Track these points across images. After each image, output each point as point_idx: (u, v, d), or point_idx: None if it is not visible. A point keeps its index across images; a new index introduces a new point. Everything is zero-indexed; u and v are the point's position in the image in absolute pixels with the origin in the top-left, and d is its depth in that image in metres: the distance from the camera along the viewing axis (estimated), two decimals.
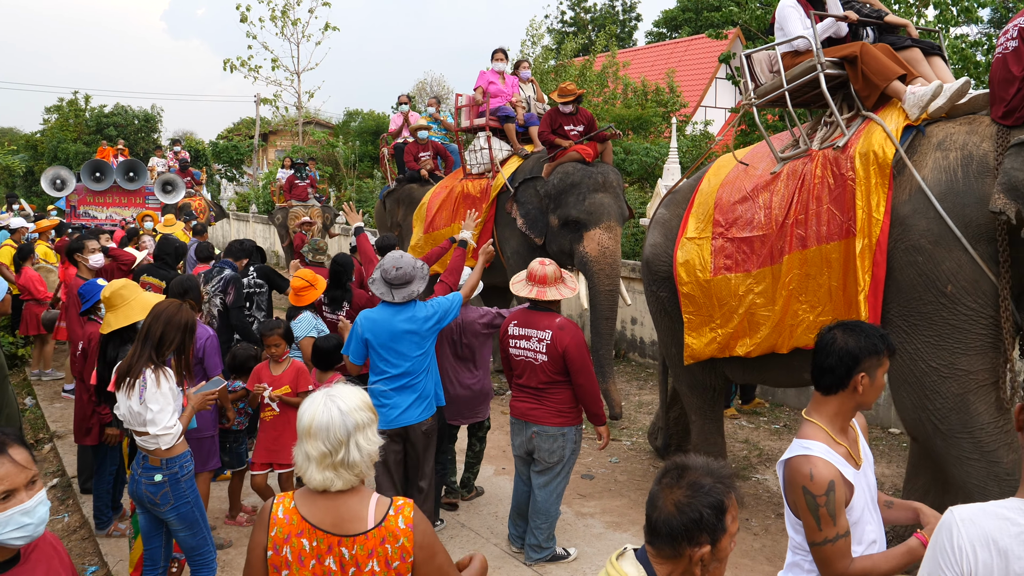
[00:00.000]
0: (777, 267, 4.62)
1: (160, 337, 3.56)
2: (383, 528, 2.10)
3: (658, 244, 5.46)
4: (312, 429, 2.08)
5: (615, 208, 7.19)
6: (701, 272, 5.04)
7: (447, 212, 8.87)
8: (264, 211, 22.61)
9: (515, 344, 4.55)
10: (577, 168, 7.24)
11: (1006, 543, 1.72)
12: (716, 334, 5.01)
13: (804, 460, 2.28)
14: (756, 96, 5.05)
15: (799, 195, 4.52)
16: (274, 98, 29.22)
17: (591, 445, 6.48)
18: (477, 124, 8.73)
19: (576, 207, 7.14)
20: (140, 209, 14.73)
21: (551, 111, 7.64)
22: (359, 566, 2.08)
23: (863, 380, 2.34)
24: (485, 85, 8.67)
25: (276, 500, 2.17)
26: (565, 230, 7.29)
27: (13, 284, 8.70)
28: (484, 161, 8.50)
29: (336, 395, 2.14)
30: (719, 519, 1.77)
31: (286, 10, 28.34)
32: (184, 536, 3.65)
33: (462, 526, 5.15)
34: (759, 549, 4.81)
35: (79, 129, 29.16)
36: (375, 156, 25.55)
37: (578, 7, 33.15)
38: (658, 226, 5.57)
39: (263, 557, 2.11)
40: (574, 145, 7.33)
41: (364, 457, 2.11)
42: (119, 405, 3.59)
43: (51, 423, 7.24)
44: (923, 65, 4.48)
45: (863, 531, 2.35)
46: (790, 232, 4.52)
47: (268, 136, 34.40)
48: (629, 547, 1.89)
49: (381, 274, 4.37)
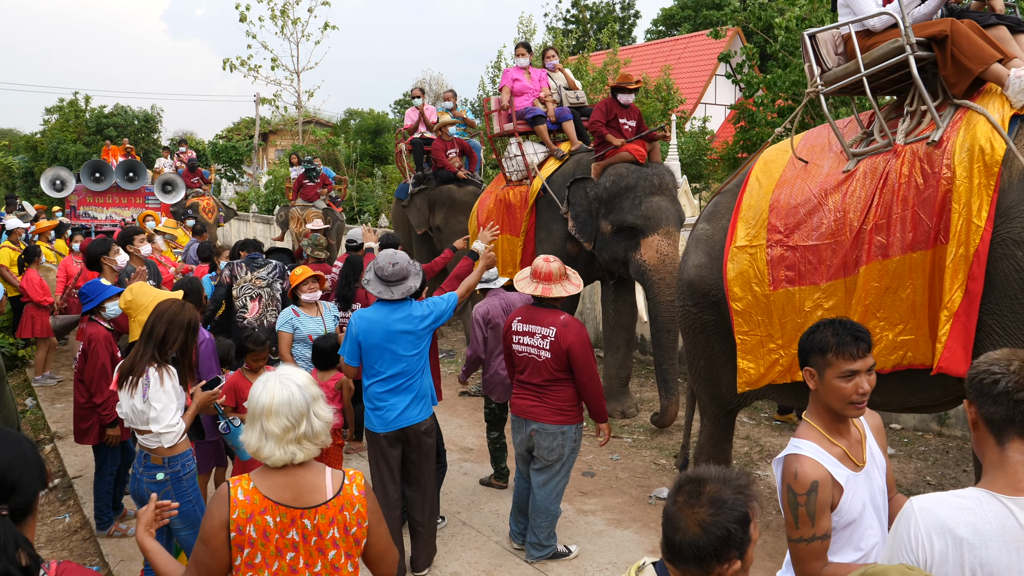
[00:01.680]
0: (851, 279, 4.07)
1: (163, 336, 3.59)
2: (341, 497, 2.24)
3: (703, 265, 4.84)
4: (273, 407, 2.18)
5: (673, 212, 6.74)
6: (758, 285, 4.45)
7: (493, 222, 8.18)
8: (265, 211, 22.61)
9: (519, 340, 4.54)
10: (631, 169, 6.78)
11: (961, 532, 1.73)
12: (779, 356, 4.43)
13: (793, 459, 2.28)
14: (824, 82, 4.39)
15: (880, 197, 3.95)
16: (274, 98, 29.24)
17: (592, 442, 6.48)
18: (508, 129, 8.26)
19: (632, 212, 6.68)
20: (140, 209, 14.76)
21: (607, 101, 7.06)
22: (321, 535, 2.21)
23: (813, 377, 2.31)
24: (509, 84, 8.18)
25: (233, 483, 2.22)
26: (619, 237, 6.83)
27: (11, 286, 8.71)
28: (520, 168, 8.08)
29: (286, 374, 2.25)
30: (746, 532, 1.70)
31: (286, 9, 28.34)
32: (185, 535, 3.65)
33: (463, 524, 5.15)
34: (760, 546, 4.81)
35: (79, 130, 29.18)
36: (375, 155, 25.56)
37: (578, 5, 33.13)
38: (700, 244, 4.94)
39: (225, 537, 2.17)
40: (626, 144, 6.84)
41: (323, 425, 2.24)
42: (121, 403, 3.59)
43: (52, 424, 7.25)
44: (1012, 44, 3.93)
45: (862, 535, 2.31)
46: (868, 239, 3.96)
47: (268, 136, 34.43)
48: (648, 560, 1.84)
49: (376, 272, 4.32)
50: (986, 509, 1.75)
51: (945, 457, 6.31)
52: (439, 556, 4.66)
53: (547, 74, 8.30)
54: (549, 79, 8.26)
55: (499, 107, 8.39)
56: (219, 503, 2.19)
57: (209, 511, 2.21)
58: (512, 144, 8.16)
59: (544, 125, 7.93)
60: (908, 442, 6.66)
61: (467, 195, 9.57)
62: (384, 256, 4.34)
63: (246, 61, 27.75)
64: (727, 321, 4.65)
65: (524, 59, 8.29)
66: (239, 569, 2.19)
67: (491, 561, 4.67)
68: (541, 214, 7.74)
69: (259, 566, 2.19)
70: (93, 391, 4.81)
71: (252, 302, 6.27)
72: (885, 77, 4.18)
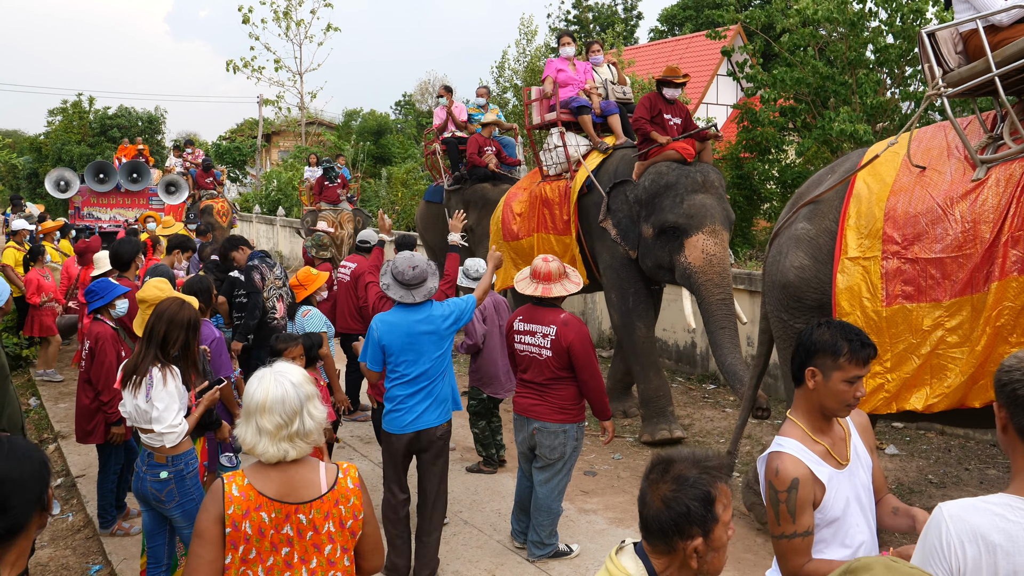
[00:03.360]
0: (980, 297, 3.71)
1: (164, 336, 3.60)
2: (336, 491, 2.25)
3: (806, 266, 4.45)
4: (267, 404, 2.19)
5: (720, 210, 6.18)
6: (870, 301, 4.10)
7: (525, 220, 7.87)
8: (267, 211, 22.66)
9: (520, 339, 4.55)
10: (671, 167, 6.31)
11: (995, 538, 1.71)
12: (885, 380, 4.04)
13: (775, 456, 2.30)
14: (948, 83, 4.00)
15: (1018, 206, 3.61)
16: (277, 99, 29.32)
17: (594, 442, 6.49)
18: (549, 119, 7.74)
19: (673, 211, 6.17)
20: (143, 210, 14.79)
21: (651, 96, 6.60)
22: (317, 529, 2.22)
23: (815, 376, 2.30)
24: (553, 74, 7.67)
25: (227, 479, 2.23)
26: (662, 240, 6.31)
27: (16, 286, 8.74)
28: (560, 160, 7.51)
29: (282, 371, 2.26)
30: (707, 510, 1.75)
31: (288, 11, 28.41)
32: (188, 533, 3.65)
33: (465, 523, 5.16)
34: (762, 544, 4.81)
35: (83, 131, 29.28)
36: (377, 156, 25.62)
37: (580, 6, 33.14)
38: (802, 244, 4.53)
39: (220, 532, 2.17)
40: (672, 142, 6.38)
41: (316, 425, 2.25)
42: (125, 403, 3.61)
43: (55, 423, 7.27)
44: None
45: (847, 532, 2.31)
46: (1003, 253, 3.62)
47: (271, 137, 34.51)
48: (628, 541, 1.89)
49: (394, 276, 4.21)
50: (1018, 515, 1.73)
51: (947, 456, 6.31)
52: (441, 554, 4.66)
53: (592, 67, 7.81)
54: (594, 72, 7.77)
55: (540, 96, 7.87)
56: (213, 499, 2.20)
57: (204, 506, 2.22)
58: (553, 135, 7.62)
59: (589, 116, 7.40)
60: (910, 440, 6.66)
61: (501, 194, 9.00)
62: (402, 259, 4.22)
63: (249, 63, 27.86)
64: None
65: (570, 48, 7.82)
66: (234, 565, 2.19)
67: (492, 559, 4.67)
68: (586, 212, 7.17)
69: (254, 561, 2.19)
70: (101, 389, 4.82)
71: (279, 302, 6.26)
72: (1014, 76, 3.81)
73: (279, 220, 20.72)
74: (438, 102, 10.67)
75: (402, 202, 18.01)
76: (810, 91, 10.26)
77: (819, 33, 10.36)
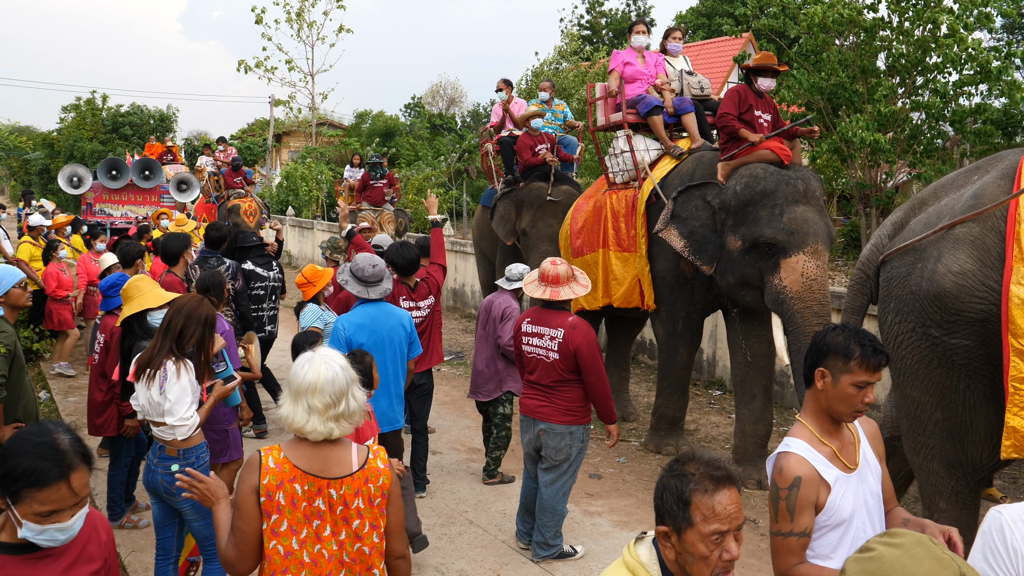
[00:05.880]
0: None
1: (180, 330, 3.66)
2: (366, 469, 2.37)
3: (970, 273, 3.62)
4: (319, 384, 2.30)
5: (823, 227, 5.36)
6: None
7: (588, 233, 7.06)
8: (279, 211, 22.74)
9: (528, 341, 4.60)
10: (769, 171, 5.47)
11: None
12: None
13: (781, 456, 2.34)
14: None
15: None
16: (288, 99, 29.48)
17: (599, 445, 6.51)
18: (615, 121, 6.88)
19: (771, 224, 5.33)
20: (155, 207, 14.89)
21: (740, 88, 5.76)
22: (347, 504, 2.33)
23: (824, 377, 2.33)
24: (619, 67, 6.80)
25: (265, 452, 2.34)
26: (752, 256, 5.48)
27: (34, 281, 8.82)
28: (627, 167, 6.70)
29: (328, 355, 2.39)
30: (679, 508, 1.81)
31: (301, 12, 28.57)
32: (198, 526, 3.71)
33: (470, 523, 5.19)
34: (766, 550, 4.82)
35: (96, 128, 29.43)
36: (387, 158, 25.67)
37: (594, 11, 33.23)
38: (963, 246, 3.69)
39: (256, 502, 2.29)
40: (766, 141, 5.58)
41: (358, 406, 2.37)
42: (137, 395, 3.66)
43: (65, 416, 7.34)
44: None
45: (855, 536, 2.32)
46: None
47: (281, 137, 34.65)
48: (649, 532, 1.94)
49: (354, 272, 4.59)
50: None
51: None
52: (446, 554, 4.70)
53: (665, 59, 6.96)
54: (667, 64, 6.91)
55: (605, 94, 7.04)
56: (250, 470, 2.32)
57: (241, 478, 2.32)
58: (619, 139, 6.78)
59: (660, 117, 6.54)
60: None
61: (559, 194, 7.98)
62: (363, 258, 4.67)
63: (262, 62, 28.03)
64: (991, 355, 3.56)
65: (642, 37, 6.93)
66: (266, 534, 2.30)
67: (497, 560, 4.70)
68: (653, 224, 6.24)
69: (285, 533, 2.30)
70: (116, 381, 4.87)
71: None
72: None
73: (288, 220, 20.81)
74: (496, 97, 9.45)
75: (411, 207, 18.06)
76: (823, 98, 10.24)
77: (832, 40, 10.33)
